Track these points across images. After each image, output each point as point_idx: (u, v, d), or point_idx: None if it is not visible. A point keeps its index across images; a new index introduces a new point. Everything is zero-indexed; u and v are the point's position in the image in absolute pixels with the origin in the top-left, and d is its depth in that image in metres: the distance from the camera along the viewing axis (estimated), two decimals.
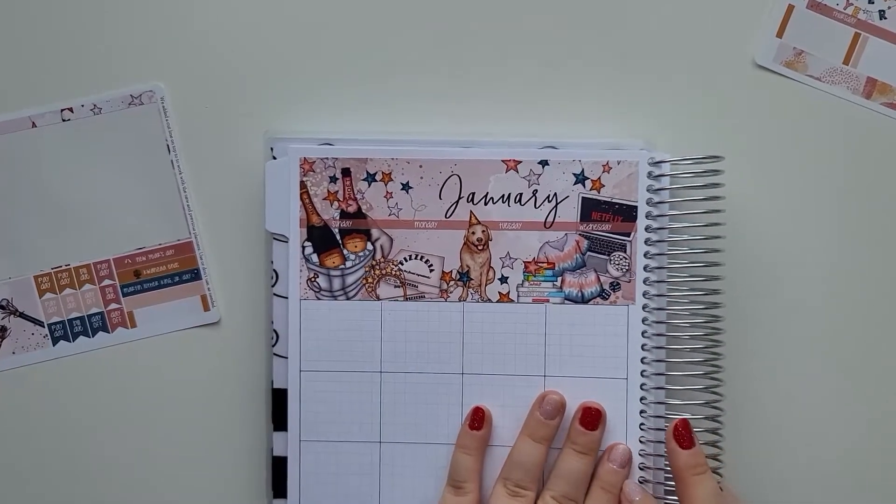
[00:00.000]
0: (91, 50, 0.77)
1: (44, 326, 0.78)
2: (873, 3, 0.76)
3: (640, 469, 0.72)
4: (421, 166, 0.73)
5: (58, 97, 0.77)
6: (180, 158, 0.77)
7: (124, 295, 0.78)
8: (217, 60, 0.77)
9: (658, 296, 0.73)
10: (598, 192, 0.73)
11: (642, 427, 0.72)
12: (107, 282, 0.78)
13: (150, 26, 0.77)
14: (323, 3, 0.77)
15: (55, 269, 0.78)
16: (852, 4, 0.76)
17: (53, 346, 0.78)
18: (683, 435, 0.70)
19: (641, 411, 0.72)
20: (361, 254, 0.74)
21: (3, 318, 0.78)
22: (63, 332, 0.78)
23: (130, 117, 0.77)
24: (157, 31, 0.77)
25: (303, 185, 0.73)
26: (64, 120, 0.77)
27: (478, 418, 0.72)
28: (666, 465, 0.72)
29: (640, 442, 0.72)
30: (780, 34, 0.77)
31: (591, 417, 0.72)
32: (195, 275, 0.78)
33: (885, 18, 0.77)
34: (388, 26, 0.77)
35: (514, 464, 0.71)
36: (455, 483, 0.72)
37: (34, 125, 0.77)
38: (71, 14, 0.77)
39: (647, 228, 0.72)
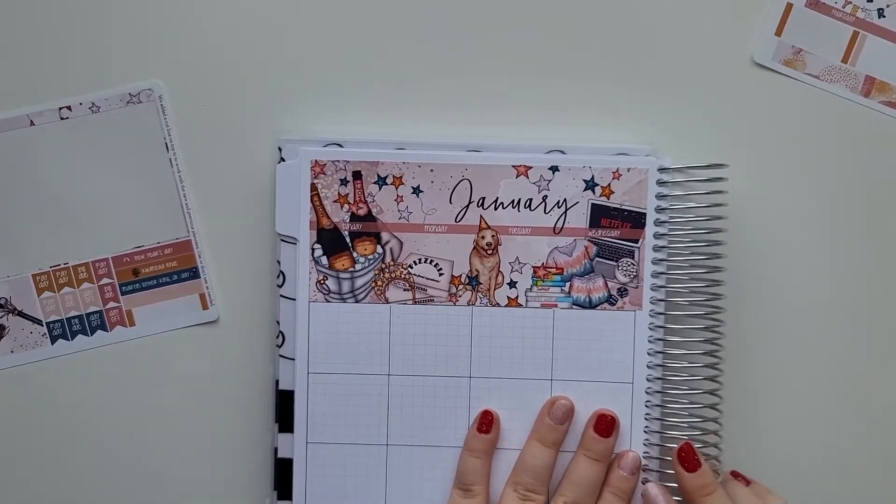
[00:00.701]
0: (89, 48, 0.76)
1: (42, 325, 0.77)
2: (872, 1, 0.77)
3: (643, 471, 0.73)
4: (432, 170, 0.73)
5: (56, 95, 0.76)
6: (179, 157, 0.76)
7: (123, 293, 0.77)
8: (216, 58, 0.76)
9: (664, 301, 0.73)
10: (608, 199, 0.73)
11: (646, 431, 0.73)
12: (105, 280, 0.77)
13: (149, 24, 0.76)
14: (327, 2, 0.76)
15: (53, 268, 0.77)
16: (851, 3, 0.77)
17: (52, 344, 0.77)
18: (688, 458, 0.71)
19: (646, 415, 0.73)
20: (371, 257, 0.73)
21: (1, 317, 0.77)
22: (62, 330, 0.77)
23: (129, 115, 0.76)
24: (155, 28, 0.76)
25: (313, 187, 0.73)
26: (62, 118, 0.75)
27: (486, 421, 0.73)
28: (669, 468, 0.73)
29: (644, 445, 0.73)
30: (778, 33, 0.77)
31: (606, 424, 0.72)
32: (194, 273, 0.77)
33: (884, 17, 0.77)
34: (395, 27, 0.76)
35: (525, 468, 0.72)
36: (463, 485, 0.72)
37: (32, 123, 0.75)
38: (69, 12, 0.76)
39: (656, 235, 0.73)
